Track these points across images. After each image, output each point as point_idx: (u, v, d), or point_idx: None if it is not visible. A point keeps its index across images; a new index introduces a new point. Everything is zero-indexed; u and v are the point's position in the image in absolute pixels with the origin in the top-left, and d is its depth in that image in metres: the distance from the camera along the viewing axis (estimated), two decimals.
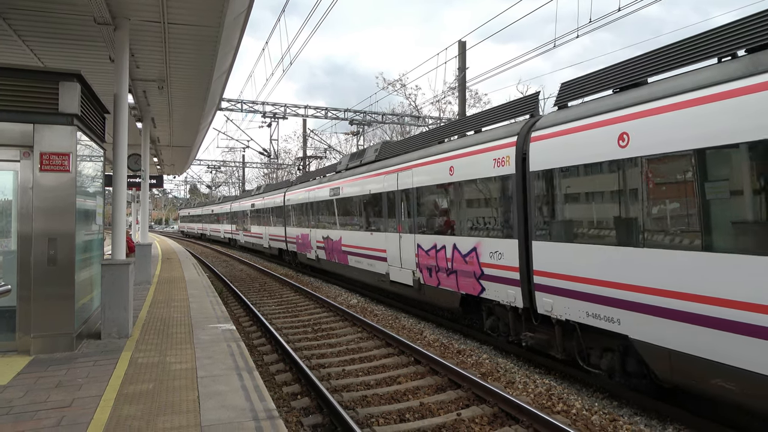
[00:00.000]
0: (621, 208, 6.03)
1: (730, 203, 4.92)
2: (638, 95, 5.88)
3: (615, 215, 6.12)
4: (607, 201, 6.27)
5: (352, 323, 10.85)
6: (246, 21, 8.64)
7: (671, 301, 5.32)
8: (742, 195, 4.80)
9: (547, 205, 7.14)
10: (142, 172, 14.96)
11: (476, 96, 36.11)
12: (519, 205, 7.65)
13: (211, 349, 6.78)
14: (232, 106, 26.50)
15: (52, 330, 6.39)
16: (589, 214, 6.66)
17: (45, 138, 6.35)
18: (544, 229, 7.19)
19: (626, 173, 5.92)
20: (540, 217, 7.27)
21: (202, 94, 12.53)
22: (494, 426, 5.68)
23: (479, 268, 8.61)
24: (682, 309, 5.21)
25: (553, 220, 7.05)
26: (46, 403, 4.76)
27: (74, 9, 7.55)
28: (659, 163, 5.56)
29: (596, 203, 6.54)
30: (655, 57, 6.06)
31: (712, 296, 4.93)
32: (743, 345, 4.65)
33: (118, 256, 7.93)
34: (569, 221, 6.81)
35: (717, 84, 4.99)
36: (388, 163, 12.49)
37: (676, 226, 5.41)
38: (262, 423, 4.36)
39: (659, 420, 5.84)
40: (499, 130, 8.46)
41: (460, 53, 19.48)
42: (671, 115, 5.38)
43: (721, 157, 4.97)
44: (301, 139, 34.51)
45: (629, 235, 5.88)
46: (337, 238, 15.74)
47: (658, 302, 5.47)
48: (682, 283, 5.23)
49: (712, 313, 4.92)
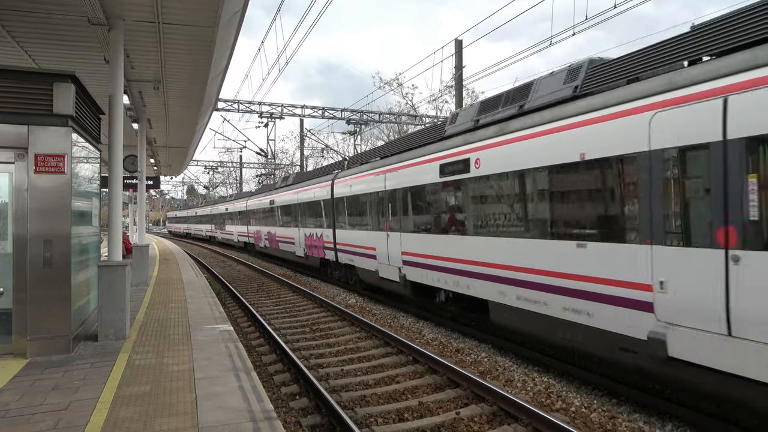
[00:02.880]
0: (369, 211, 13.71)
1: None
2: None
3: (366, 215, 13.99)
4: (356, 209, 14.82)
5: (351, 323, 10.84)
6: (241, 21, 8.61)
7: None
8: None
9: (340, 213, 16.13)
10: (138, 173, 14.92)
11: (473, 95, 36.08)
12: (330, 212, 17.05)
13: (208, 350, 6.76)
14: (228, 106, 26.47)
15: (49, 332, 6.35)
16: (353, 216, 15.02)
17: (40, 139, 6.31)
18: (341, 224, 16.09)
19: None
20: (338, 218, 16.29)
21: (198, 94, 12.48)
22: (493, 424, 5.67)
23: (324, 244, 17.65)
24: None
25: (341, 219, 16.06)
26: (42, 406, 4.73)
27: (68, 9, 7.51)
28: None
29: (357, 211, 14.72)
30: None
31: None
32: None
33: (115, 258, 7.90)
34: (345, 220, 15.69)
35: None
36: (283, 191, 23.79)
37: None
38: (260, 424, 4.34)
39: (658, 417, 5.83)
40: (323, 177, 18.31)
41: (456, 52, 19.47)
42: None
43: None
44: (299, 139, 34.45)
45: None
46: (274, 232, 24.91)
47: (354, 250, 14.49)
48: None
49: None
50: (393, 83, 36.82)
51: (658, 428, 5.56)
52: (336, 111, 28.70)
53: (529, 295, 7.51)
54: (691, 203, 5.30)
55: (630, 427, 5.51)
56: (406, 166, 11.50)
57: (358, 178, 14.54)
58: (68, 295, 6.43)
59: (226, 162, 56.50)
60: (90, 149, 7.84)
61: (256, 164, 52.19)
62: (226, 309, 12.35)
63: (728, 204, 4.82)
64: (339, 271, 16.93)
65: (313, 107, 28.32)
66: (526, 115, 7.91)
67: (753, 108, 4.63)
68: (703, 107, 5.05)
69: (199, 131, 18.86)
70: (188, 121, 16.13)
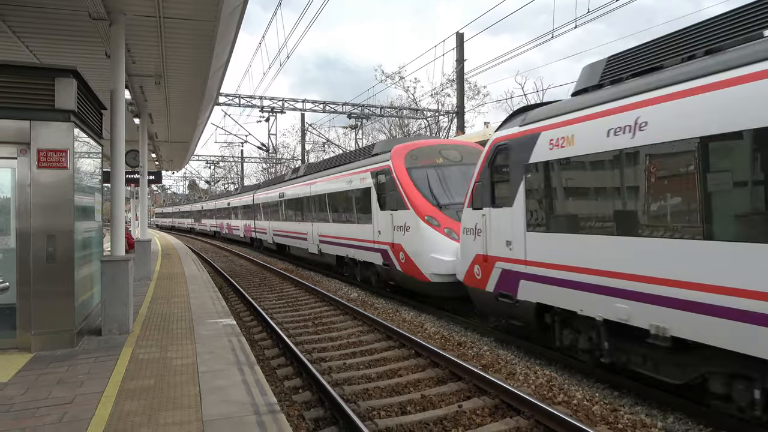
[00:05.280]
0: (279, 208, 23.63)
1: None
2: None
3: (278, 210, 24.17)
4: (272, 209, 25.17)
5: (353, 317, 10.87)
6: (242, 15, 8.59)
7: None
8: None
9: (260, 210, 27.61)
10: (140, 168, 14.94)
11: (475, 88, 35.97)
12: (257, 211, 27.98)
13: (212, 344, 6.79)
14: (229, 100, 26.43)
15: (53, 327, 6.39)
16: (268, 212, 25.62)
17: (42, 135, 6.33)
18: (262, 218, 27.35)
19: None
20: (259, 214, 27.85)
21: (199, 88, 12.47)
22: (496, 417, 5.69)
23: (252, 229, 29.20)
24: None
25: (265, 216, 26.67)
26: (47, 400, 4.76)
27: (69, 4, 7.49)
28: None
29: (272, 209, 24.82)
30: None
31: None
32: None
33: (118, 253, 7.93)
34: (262, 214, 27.18)
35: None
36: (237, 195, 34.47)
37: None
38: (264, 417, 4.37)
39: (660, 410, 5.85)
40: (248, 195, 30.94)
41: (458, 45, 19.40)
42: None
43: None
44: (300, 134, 34.43)
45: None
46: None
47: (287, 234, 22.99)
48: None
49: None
50: (395, 76, 36.74)
51: (660, 420, 5.57)
52: (337, 105, 28.64)
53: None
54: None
55: (632, 419, 5.53)
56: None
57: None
58: (72, 290, 6.46)
59: (227, 157, 56.51)
60: (92, 144, 7.85)
61: (257, 159, 52.19)
62: (228, 303, 12.39)
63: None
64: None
65: (314, 101, 28.27)
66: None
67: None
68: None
69: (200, 126, 18.85)
70: (189, 116, 16.11)
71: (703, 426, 5.43)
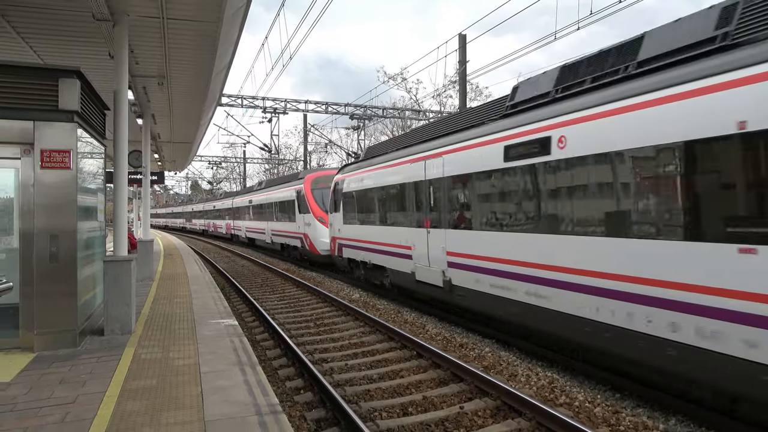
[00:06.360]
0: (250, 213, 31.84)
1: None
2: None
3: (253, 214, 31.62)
4: (244, 211, 33.61)
5: (355, 318, 10.87)
6: (245, 16, 8.61)
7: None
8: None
9: (237, 212, 35.55)
10: (143, 169, 14.96)
11: (477, 89, 35.98)
12: (233, 212, 36.57)
13: (214, 344, 6.80)
14: (232, 101, 26.47)
15: (55, 327, 6.40)
16: (242, 214, 34.01)
17: (45, 135, 6.35)
18: (237, 218, 35.70)
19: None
20: (236, 215, 35.77)
21: (202, 89, 12.50)
22: (497, 419, 5.69)
23: (232, 227, 37.80)
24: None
25: (239, 217, 34.93)
26: (49, 399, 4.78)
27: (73, 5, 7.52)
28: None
29: (244, 211, 33.27)
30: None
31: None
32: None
33: (120, 253, 7.94)
34: (238, 215, 35.26)
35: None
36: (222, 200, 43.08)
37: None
38: (266, 418, 4.38)
39: (662, 412, 5.84)
40: (229, 200, 39.60)
41: (460, 47, 19.41)
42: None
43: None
44: (302, 134, 34.52)
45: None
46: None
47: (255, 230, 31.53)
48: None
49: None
50: (397, 78, 36.78)
51: (662, 423, 5.56)
52: (339, 106, 28.66)
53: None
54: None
55: (633, 421, 5.52)
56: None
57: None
58: (74, 290, 6.48)
59: (229, 157, 56.59)
60: (95, 144, 7.88)
61: (259, 159, 52.27)
62: (230, 304, 12.40)
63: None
64: None
65: (317, 102, 28.29)
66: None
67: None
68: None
69: (203, 126, 18.89)
70: (192, 117, 16.15)
71: (704, 428, 5.43)
